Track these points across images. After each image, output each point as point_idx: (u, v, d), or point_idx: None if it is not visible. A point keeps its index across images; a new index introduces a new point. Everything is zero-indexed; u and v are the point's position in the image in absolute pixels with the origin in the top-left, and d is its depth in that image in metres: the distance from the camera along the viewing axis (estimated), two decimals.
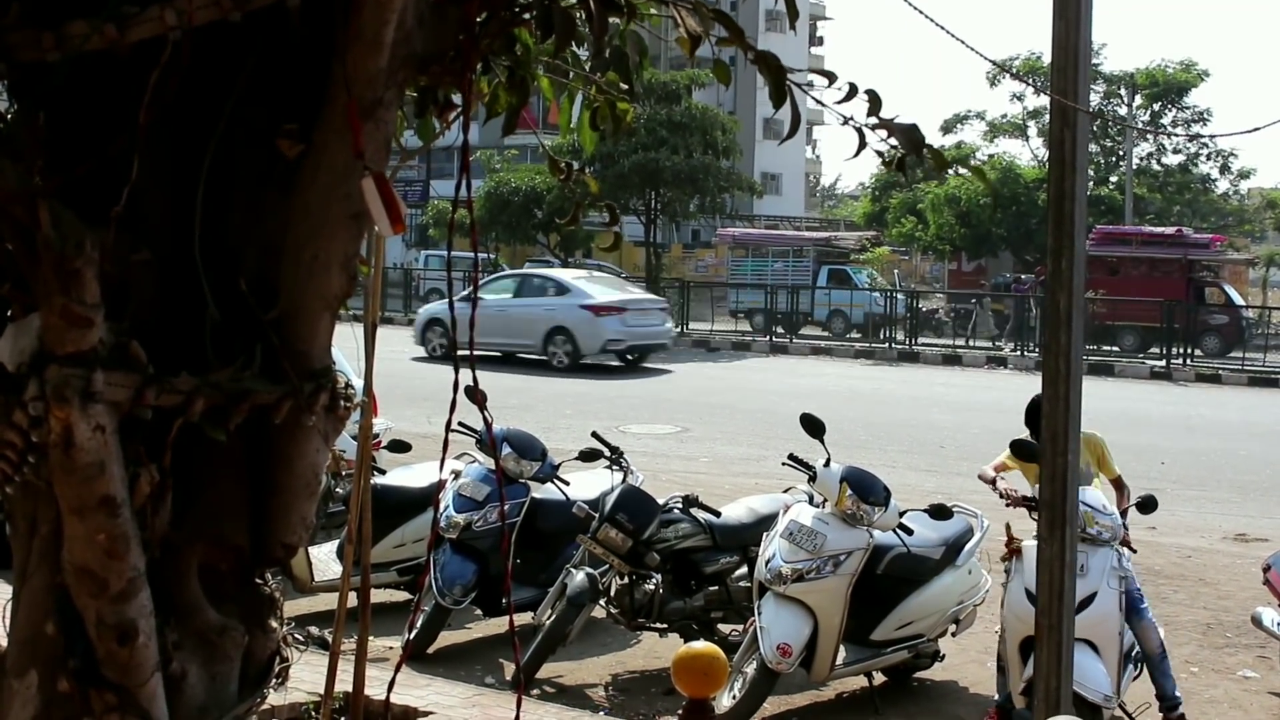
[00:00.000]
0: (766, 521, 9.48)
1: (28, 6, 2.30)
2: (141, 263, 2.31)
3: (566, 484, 10.51)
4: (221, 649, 2.38)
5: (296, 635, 2.50)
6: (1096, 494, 7.93)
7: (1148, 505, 8.55)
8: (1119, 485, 8.60)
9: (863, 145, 2.72)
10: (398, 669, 3.54)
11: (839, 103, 2.61)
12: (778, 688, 8.38)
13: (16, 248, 2.36)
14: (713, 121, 40.78)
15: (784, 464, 9.37)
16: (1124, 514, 8.16)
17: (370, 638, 7.01)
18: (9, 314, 2.48)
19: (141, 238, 2.32)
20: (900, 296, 40.19)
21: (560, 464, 10.53)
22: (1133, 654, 7.67)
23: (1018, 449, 8.45)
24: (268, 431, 2.36)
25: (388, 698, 3.21)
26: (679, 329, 40.44)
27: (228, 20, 2.31)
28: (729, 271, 49.64)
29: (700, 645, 3.68)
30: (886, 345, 37.48)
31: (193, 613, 2.34)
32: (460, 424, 10.19)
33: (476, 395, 9.79)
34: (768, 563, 8.49)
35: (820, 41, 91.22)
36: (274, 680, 2.44)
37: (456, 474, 10.53)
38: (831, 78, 2.60)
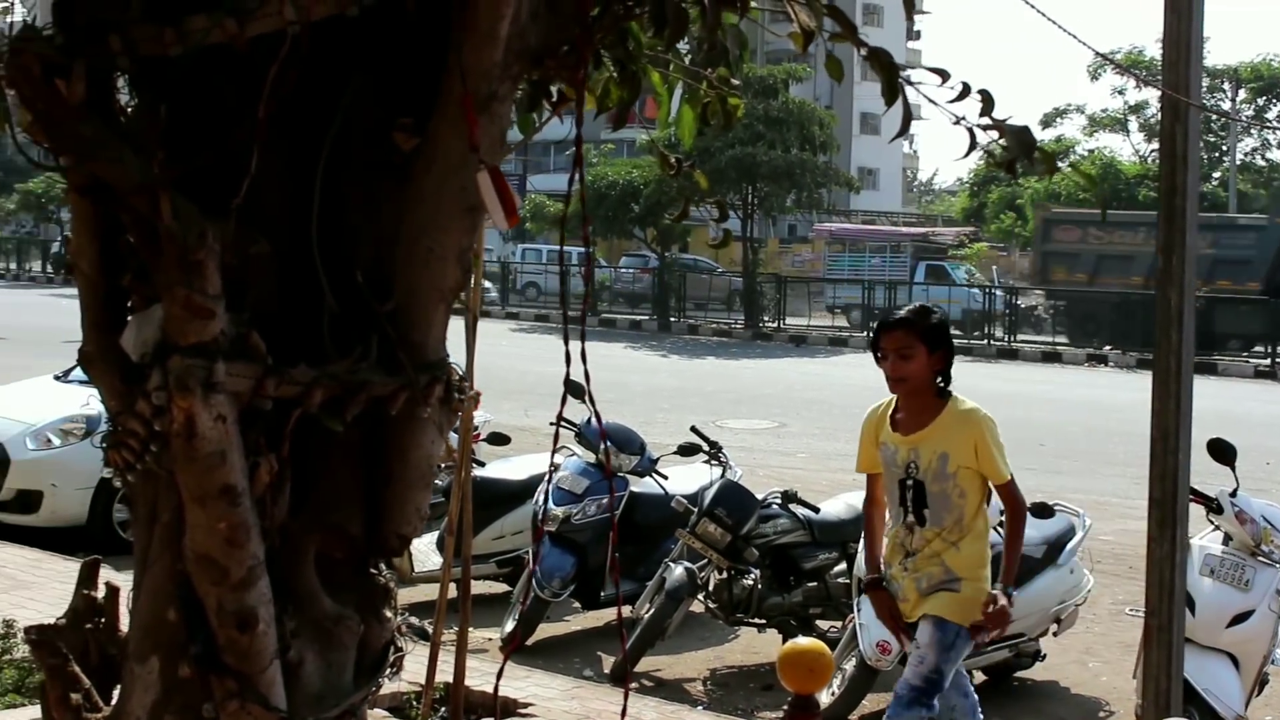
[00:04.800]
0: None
1: (149, 2, 2.33)
2: (260, 254, 2.34)
3: (665, 478, 10.52)
4: (337, 638, 2.40)
5: (409, 625, 2.51)
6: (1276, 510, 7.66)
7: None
8: (1008, 493, 6.03)
9: (973, 146, 2.70)
10: (505, 659, 3.55)
11: (951, 102, 2.59)
12: (877, 685, 8.35)
13: (138, 239, 2.39)
14: (810, 116, 40.59)
15: None
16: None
17: (469, 629, 7.06)
18: (130, 304, 2.52)
19: (260, 230, 2.34)
20: (999, 293, 39.84)
21: (659, 458, 10.53)
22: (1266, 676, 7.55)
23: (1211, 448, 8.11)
24: (383, 422, 2.38)
25: (496, 688, 3.23)
26: (775, 324, 40.34)
27: (345, 14, 2.32)
28: (826, 267, 49.42)
29: (806, 641, 3.66)
30: (985, 342, 37.18)
31: (309, 601, 2.36)
32: (561, 418, 10.23)
33: (579, 389, 9.86)
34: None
35: (917, 35, 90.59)
36: (389, 670, 2.45)
37: (556, 466, 10.55)
38: (944, 76, 2.57)
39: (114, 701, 2.48)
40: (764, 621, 9.71)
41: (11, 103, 2.43)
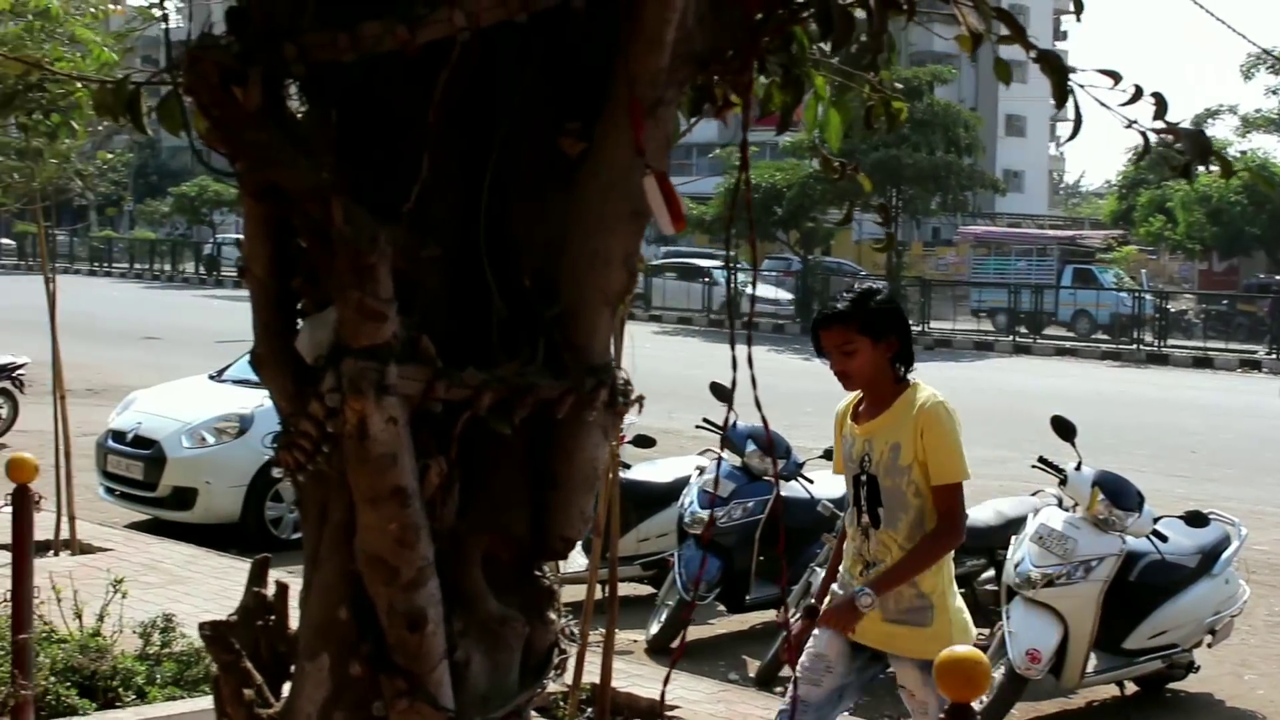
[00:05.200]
0: (1014, 525, 9.39)
1: (322, 9, 2.37)
2: (430, 259, 2.37)
3: (811, 482, 10.49)
4: (503, 639, 2.42)
5: (572, 628, 2.53)
6: None
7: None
8: (947, 499, 5.30)
9: (1147, 150, 2.65)
10: (673, 664, 3.56)
11: (1123, 105, 2.55)
12: (1026, 694, 8.27)
13: (310, 243, 2.43)
14: (955, 118, 40.28)
15: (1033, 466, 9.25)
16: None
17: (615, 630, 7.09)
18: (300, 307, 2.56)
19: (429, 234, 2.37)
20: (1148, 297, 39.19)
21: (804, 462, 10.51)
22: None
23: None
24: (548, 426, 2.39)
25: (663, 694, 3.27)
26: (920, 328, 40.00)
27: (513, 20, 2.34)
28: (970, 270, 48.96)
29: (963, 649, 3.63)
30: (1134, 347, 36.62)
31: (476, 602, 2.38)
32: (705, 420, 10.24)
33: (724, 392, 9.91)
34: (1016, 566, 8.42)
35: (1064, 36, 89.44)
36: (553, 671, 2.47)
37: (701, 469, 10.58)
38: (1116, 78, 2.53)
39: (284, 697, 2.52)
40: None
41: (189, 110, 2.48)
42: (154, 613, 8.61)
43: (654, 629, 10.20)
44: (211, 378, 15.38)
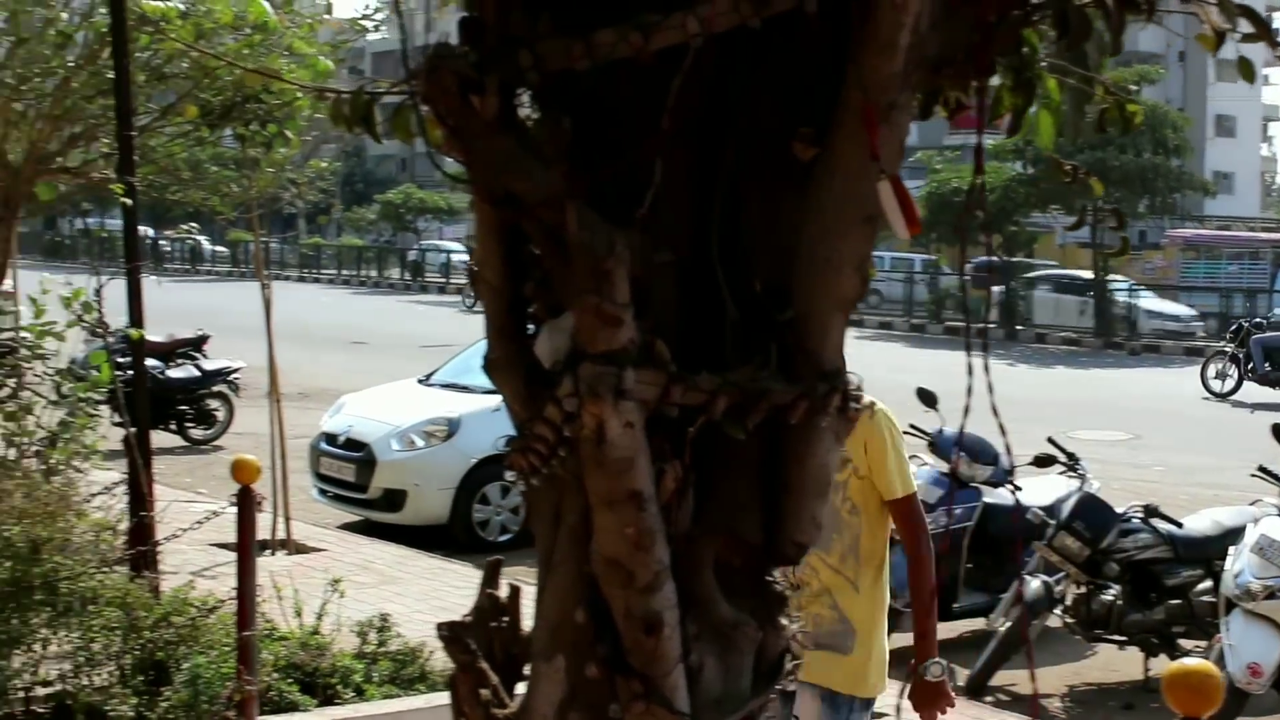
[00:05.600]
0: (1232, 535, 9.21)
1: (557, 17, 2.40)
2: (662, 264, 2.38)
3: (1019, 489, 10.37)
4: (735, 643, 2.43)
5: (804, 632, 2.53)
6: None
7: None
8: (908, 514, 4.93)
9: None
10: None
11: None
12: (1247, 709, 8.09)
13: (544, 249, 2.46)
14: (1163, 119, 39.42)
15: (1252, 475, 9.05)
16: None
17: None
18: (530, 312, 2.59)
19: (662, 239, 2.38)
20: None
21: (1013, 468, 10.39)
22: None
23: None
24: (780, 431, 2.39)
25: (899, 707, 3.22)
26: (1127, 332, 39.19)
27: (746, 26, 2.35)
28: (1179, 274, 47.88)
29: (1194, 662, 3.56)
30: None
31: (708, 606, 2.39)
32: (912, 426, 10.16)
33: (930, 397, 9.84)
34: (1236, 577, 8.25)
35: None
36: (786, 677, 2.47)
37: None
38: None
39: (518, 698, 2.55)
40: (1124, 639, 9.51)
41: (425, 118, 2.52)
42: (368, 612, 8.80)
43: None
44: (420, 382, 15.68)
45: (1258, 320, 29.02)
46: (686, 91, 2.36)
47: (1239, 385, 26.98)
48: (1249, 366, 26.40)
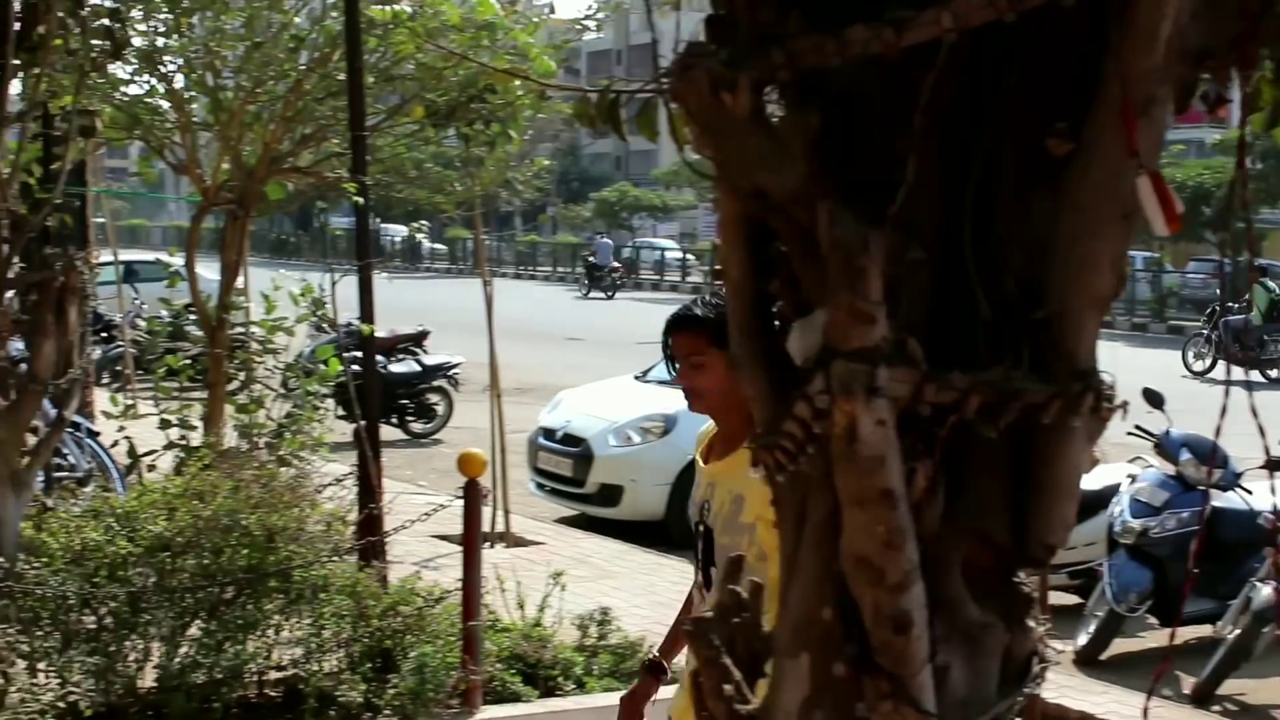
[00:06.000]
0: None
1: (809, 14, 2.39)
2: (913, 261, 2.36)
3: (1249, 493, 10.13)
4: (983, 645, 2.40)
5: (1052, 635, 2.50)
6: None
7: None
8: None
9: None
10: (1156, 679, 3.48)
11: None
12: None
13: (791, 247, 2.46)
14: None
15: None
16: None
17: None
18: (775, 309, 2.60)
19: (912, 237, 2.36)
20: None
21: (1243, 472, 10.15)
22: None
23: None
24: (1030, 431, 2.36)
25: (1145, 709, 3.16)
26: None
27: (1001, 20, 2.31)
28: None
29: None
30: None
31: (955, 607, 2.37)
32: (1137, 427, 9.94)
33: (1157, 398, 9.76)
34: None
35: None
36: (1033, 681, 2.44)
37: (1132, 477, 10.35)
38: None
39: (757, 693, 2.56)
40: None
41: (675, 116, 2.54)
42: (586, 605, 8.90)
43: (1082, 640, 10.02)
44: (636, 378, 15.79)
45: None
46: (939, 87, 2.34)
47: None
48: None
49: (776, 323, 2.60)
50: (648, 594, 10.74)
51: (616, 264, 56.89)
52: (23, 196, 8.67)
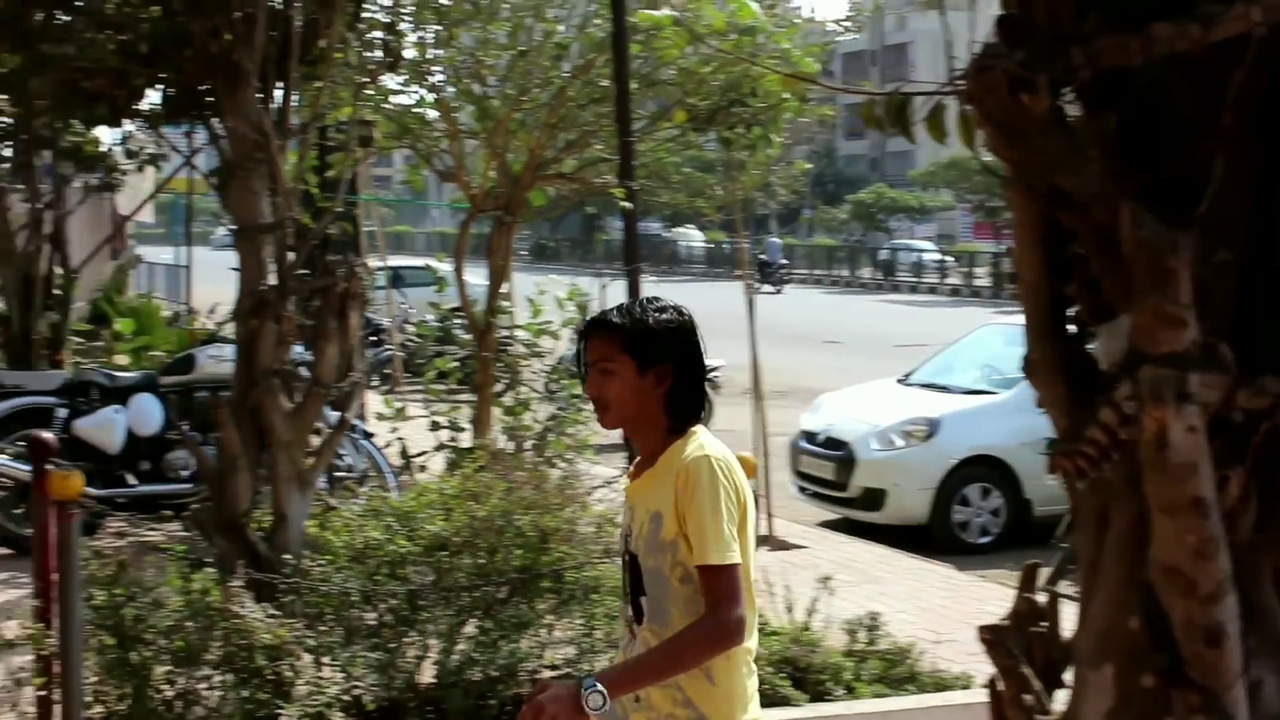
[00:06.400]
0: None
1: (1108, 13, 2.35)
2: (1221, 263, 2.30)
3: None
4: None
5: None
6: None
7: None
8: (709, 584, 3.75)
9: None
10: None
11: None
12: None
13: (1091, 249, 2.41)
14: None
15: None
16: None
17: None
18: (1072, 313, 2.55)
19: (1219, 238, 2.30)
20: None
21: None
22: None
23: None
24: None
25: None
26: None
27: None
28: None
29: None
30: None
31: (1268, 620, 2.30)
32: None
33: None
34: None
35: None
36: None
37: None
38: None
39: (1053, 704, 2.52)
40: None
41: (970, 116, 2.52)
42: (851, 610, 8.83)
43: None
44: (899, 381, 15.66)
45: None
46: (1247, 84, 2.27)
47: None
48: None
49: (1072, 327, 2.56)
50: (914, 600, 10.64)
51: (784, 260, 57.99)
52: (303, 205, 8.97)
